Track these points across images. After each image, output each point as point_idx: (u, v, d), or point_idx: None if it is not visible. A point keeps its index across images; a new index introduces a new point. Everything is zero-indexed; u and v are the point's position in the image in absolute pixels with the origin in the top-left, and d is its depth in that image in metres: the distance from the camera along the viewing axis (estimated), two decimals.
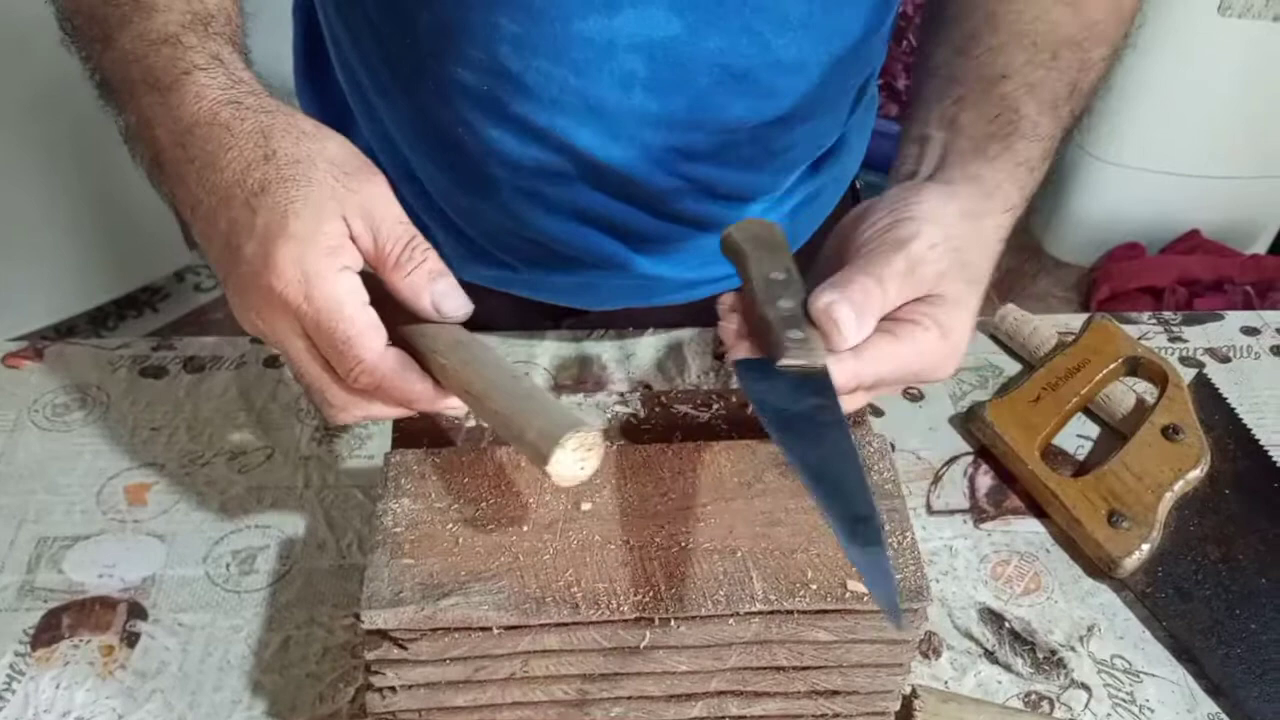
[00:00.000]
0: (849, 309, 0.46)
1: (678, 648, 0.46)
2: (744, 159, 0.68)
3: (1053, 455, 0.68)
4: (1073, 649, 0.59)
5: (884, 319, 0.48)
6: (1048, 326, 0.75)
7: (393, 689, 0.46)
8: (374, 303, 0.46)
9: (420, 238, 0.47)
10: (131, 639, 0.56)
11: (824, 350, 0.46)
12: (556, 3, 0.59)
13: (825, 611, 0.46)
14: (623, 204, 0.69)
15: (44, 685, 0.54)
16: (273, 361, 0.72)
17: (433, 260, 0.47)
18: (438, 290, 0.47)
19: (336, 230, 0.45)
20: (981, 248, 0.52)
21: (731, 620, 0.46)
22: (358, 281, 0.46)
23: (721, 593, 0.45)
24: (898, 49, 2.04)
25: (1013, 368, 0.76)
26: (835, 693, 0.49)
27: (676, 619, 0.45)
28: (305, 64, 0.78)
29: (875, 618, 0.46)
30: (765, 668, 0.48)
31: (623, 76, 0.61)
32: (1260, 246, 2.15)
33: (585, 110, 0.63)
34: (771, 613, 0.46)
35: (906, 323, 0.48)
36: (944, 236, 0.49)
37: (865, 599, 0.46)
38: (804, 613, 0.46)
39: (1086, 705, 0.56)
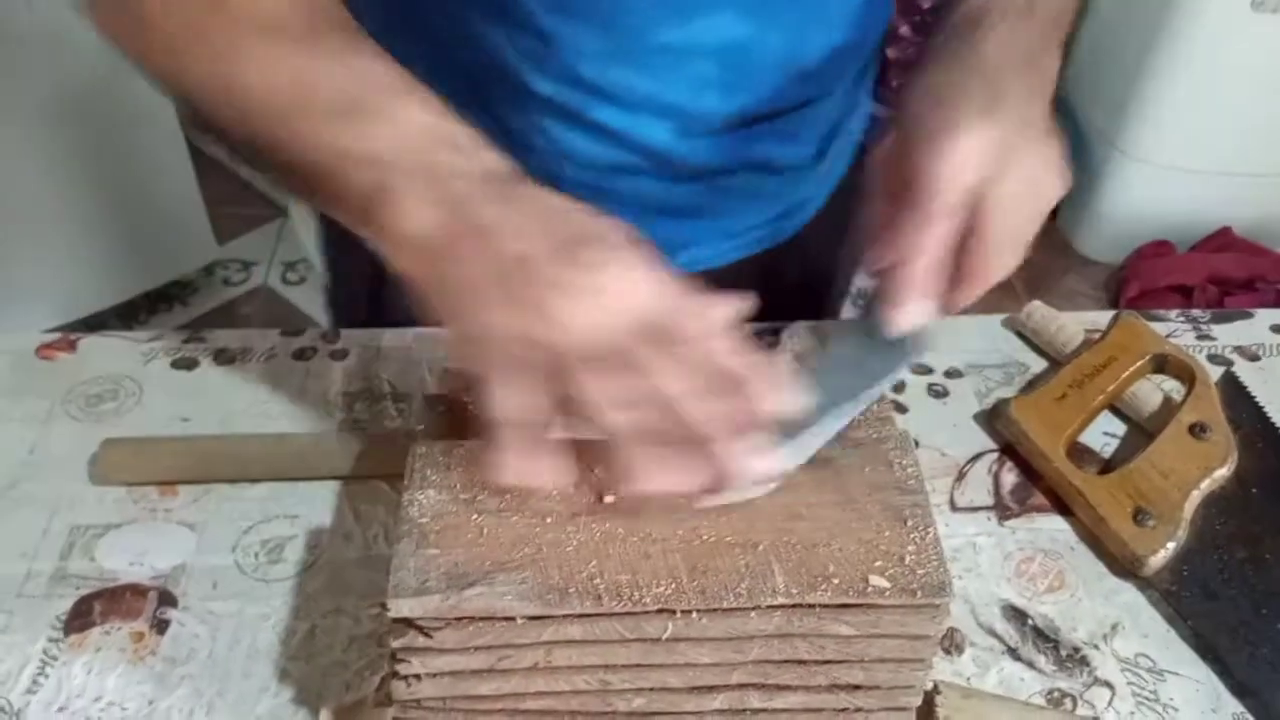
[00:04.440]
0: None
1: (699, 640, 0.47)
2: (790, 133, 0.73)
3: (1078, 453, 0.68)
4: (1096, 647, 0.58)
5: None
6: (1074, 324, 0.75)
7: (418, 677, 0.47)
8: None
9: None
10: (162, 626, 0.57)
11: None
12: (636, 16, 0.62)
13: (847, 606, 0.46)
14: (683, 186, 0.72)
15: (76, 671, 0.55)
16: (302, 354, 0.73)
17: None
18: None
19: None
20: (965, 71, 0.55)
21: (753, 613, 0.46)
22: None
23: (743, 586, 0.46)
24: None
25: (1039, 365, 0.75)
26: (857, 687, 0.49)
27: (698, 611, 0.45)
28: None
29: (897, 613, 0.46)
30: (787, 661, 0.48)
31: (696, 79, 0.65)
32: None
33: (660, 112, 0.67)
34: (793, 606, 0.46)
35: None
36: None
37: (886, 594, 0.46)
38: (825, 606, 0.46)
39: (1110, 703, 0.56)
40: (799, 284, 0.83)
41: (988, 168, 0.52)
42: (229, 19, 0.50)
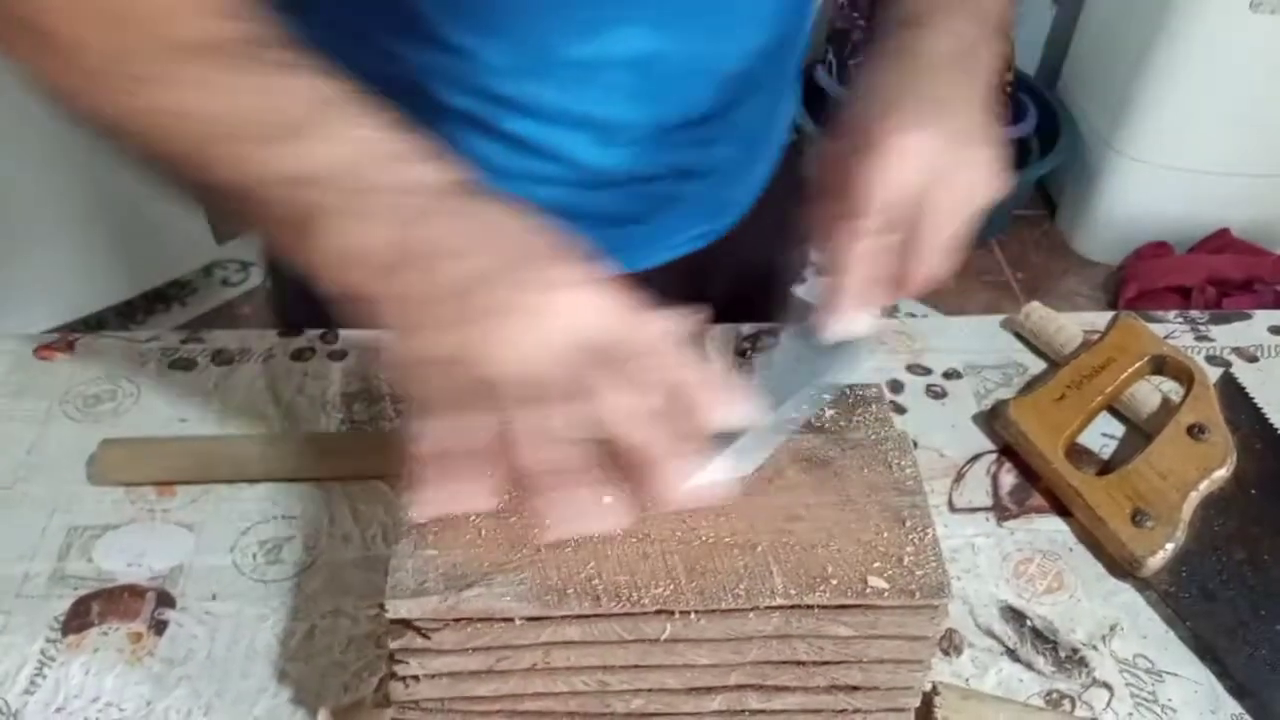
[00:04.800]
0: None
1: (698, 641, 0.47)
2: (710, 138, 0.72)
3: (1077, 454, 0.68)
4: (1095, 648, 0.58)
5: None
6: (1073, 325, 0.75)
7: (416, 678, 0.47)
8: None
9: None
10: (160, 627, 0.57)
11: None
12: (545, 31, 0.61)
13: (845, 606, 0.46)
14: (604, 193, 0.72)
15: (74, 671, 0.55)
16: (300, 355, 0.73)
17: None
18: None
19: None
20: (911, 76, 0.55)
21: (751, 614, 0.46)
22: None
23: (741, 587, 0.46)
24: None
25: (1037, 366, 0.75)
26: (855, 688, 0.49)
27: (697, 612, 0.45)
28: None
29: (895, 613, 0.46)
30: (785, 662, 0.48)
31: (609, 90, 0.65)
32: None
33: (574, 123, 0.66)
34: (792, 607, 0.46)
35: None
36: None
37: (885, 595, 0.46)
38: (824, 607, 0.46)
39: (1108, 704, 0.56)
40: (730, 286, 0.81)
41: (926, 173, 0.52)
42: (153, 40, 0.48)
